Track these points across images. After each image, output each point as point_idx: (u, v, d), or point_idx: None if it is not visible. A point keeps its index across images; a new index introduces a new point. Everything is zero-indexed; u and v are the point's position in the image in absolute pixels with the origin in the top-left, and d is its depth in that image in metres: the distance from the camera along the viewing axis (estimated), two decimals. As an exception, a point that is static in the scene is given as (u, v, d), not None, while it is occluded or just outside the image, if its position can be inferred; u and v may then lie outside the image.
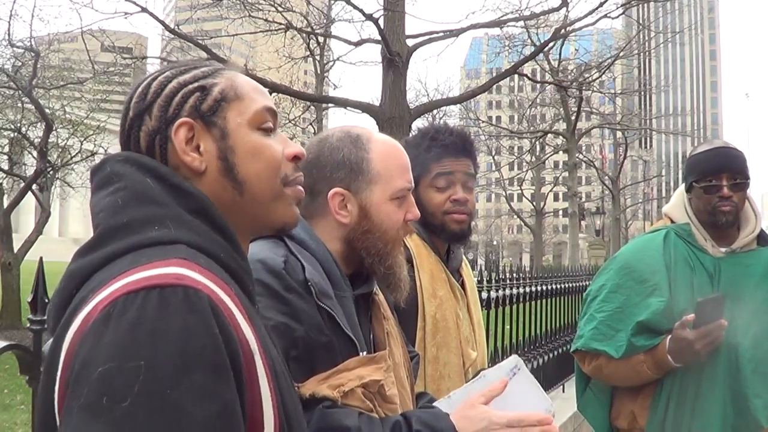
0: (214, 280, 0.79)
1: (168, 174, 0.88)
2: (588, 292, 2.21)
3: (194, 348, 0.71)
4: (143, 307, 0.72)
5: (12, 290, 11.46)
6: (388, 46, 8.98)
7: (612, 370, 2.05)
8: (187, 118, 0.91)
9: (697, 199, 2.08)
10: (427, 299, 1.77)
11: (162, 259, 0.77)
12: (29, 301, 1.37)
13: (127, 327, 0.70)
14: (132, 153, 0.92)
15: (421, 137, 1.89)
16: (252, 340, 0.80)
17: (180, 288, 0.74)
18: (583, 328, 2.12)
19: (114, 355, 0.69)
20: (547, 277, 5.06)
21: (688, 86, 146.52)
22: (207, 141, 0.91)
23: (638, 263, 2.09)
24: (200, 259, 0.81)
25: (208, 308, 0.74)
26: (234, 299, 0.81)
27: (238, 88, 0.95)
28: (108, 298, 0.73)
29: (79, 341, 0.73)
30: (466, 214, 1.84)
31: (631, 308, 2.03)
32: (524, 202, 33.70)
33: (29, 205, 29.16)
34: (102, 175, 0.90)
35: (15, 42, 11.97)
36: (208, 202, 0.88)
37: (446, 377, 1.75)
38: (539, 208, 28.22)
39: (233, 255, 0.88)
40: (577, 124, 20.24)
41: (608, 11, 12.23)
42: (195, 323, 0.72)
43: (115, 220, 0.83)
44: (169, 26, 11.79)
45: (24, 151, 15.35)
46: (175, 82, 0.93)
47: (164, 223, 0.83)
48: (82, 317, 0.74)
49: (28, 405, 5.57)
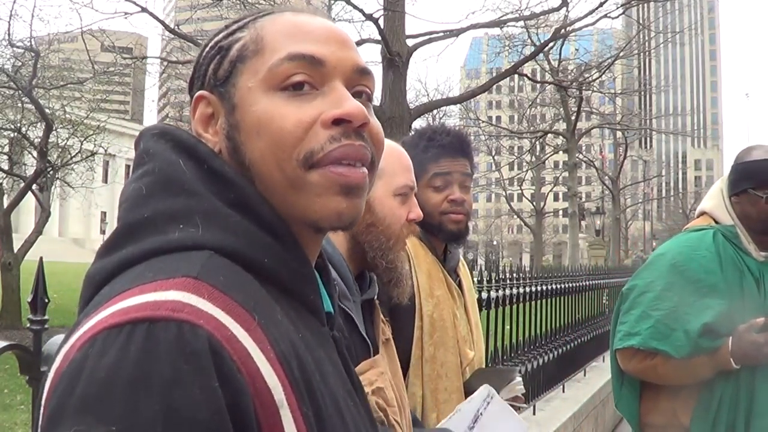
0: (227, 307, 0.61)
1: (207, 155, 0.71)
2: (631, 287, 2.16)
3: (181, 407, 0.55)
4: (124, 350, 0.56)
5: (12, 290, 11.45)
6: (388, 46, 8.99)
7: (668, 370, 2.04)
8: (203, 91, 0.75)
9: (750, 206, 2.08)
10: (424, 299, 1.78)
11: (167, 277, 0.61)
12: (29, 301, 1.37)
13: (102, 377, 0.55)
14: (169, 126, 0.75)
15: (418, 138, 1.89)
16: (277, 387, 0.61)
17: (173, 323, 0.57)
18: (636, 325, 2.07)
19: (81, 416, 0.55)
20: (547, 277, 5.06)
21: (688, 86, 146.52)
22: (222, 116, 0.74)
23: (691, 262, 2.07)
24: (218, 275, 0.63)
25: (206, 352, 0.57)
26: (255, 333, 0.61)
27: (263, 38, 0.74)
28: (89, 332, 0.59)
29: (55, 384, 0.59)
30: (464, 214, 1.85)
31: (685, 308, 2.01)
32: (524, 202, 33.72)
33: (29, 205, 29.19)
34: (137, 154, 0.74)
35: (15, 42, 11.98)
36: (252, 193, 0.70)
37: (444, 377, 1.76)
38: (539, 208, 28.23)
39: (285, 259, 0.69)
40: (577, 124, 20.25)
41: (608, 11, 12.26)
42: (186, 373, 0.56)
43: (135, 215, 0.68)
44: (169, 26, 11.79)
45: (24, 151, 15.34)
46: (210, 44, 0.77)
47: (191, 220, 0.66)
48: (64, 352, 0.60)
49: (28, 405, 5.57)
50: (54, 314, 2.94)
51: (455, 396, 1.77)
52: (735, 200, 2.13)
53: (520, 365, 4.11)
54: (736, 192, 2.12)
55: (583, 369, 6.01)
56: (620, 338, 2.12)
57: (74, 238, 55.57)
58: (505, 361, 3.97)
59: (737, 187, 2.12)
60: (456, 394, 1.77)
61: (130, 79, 58.94)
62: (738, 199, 2.12)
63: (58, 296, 7.46)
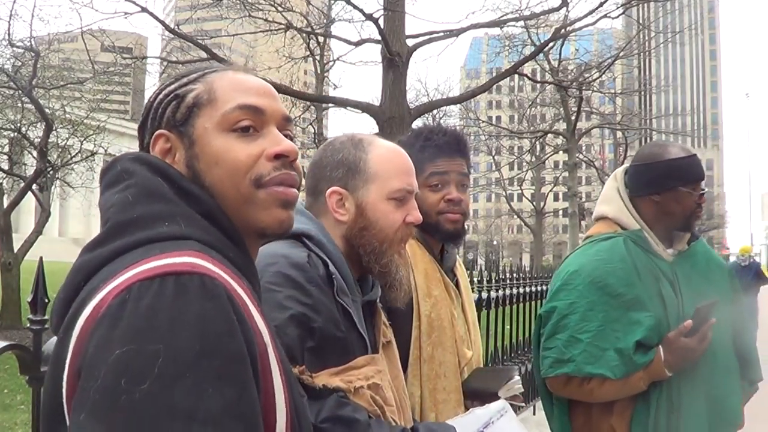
0: (226, 272, 0.79)
1: (176, 176, 0.89)
2: (550, 309, 2.06)
3: (213, 334, 0.71)
4: (160, 293, 0.71)
5: (12, 290, 11.45)
6: (388, 46, 8.98)
7: (605, 392, 1.96)
8: (163, 130, 0.93)
9: (676, 203, 2.04)
10: (422, 299, 1.78)
11: (175, 251, 0.77)
12: (29, 301, 1.37)
13: (144, 311, 0.70)
14: (143, 153, 0.93)
15: (414, 137, 1.90)
16: (265, 332, 0.80)
17: (196, 275, 0.74)
18: (566, 351, 1.98)
19: (133, 338, 0.69)
20: (547, 277, 5.07)
21: (688, 86, 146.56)
22: (180, 150, 0.92)
23: (609, 276, 1.99)
24: (212, 253, 0.81)
25: (224, 296, 0.74)
26: (246, 291, 0.81)
27: (215, 91, 0.93)
28: (122, 285, 0.73)
29: (92, 326, 0.72)
30: (461, 214, 1.85)
31: (611, 324, 1.95)
32: (524, 202, 33.72)
33: (29, 205, 29.19)
34: (112, 174, 0.90)
35: (15, 42, 11.96)
36: (215, 206, 0.89)
37: (442, 376, 1.76)
38: (539, 208, 28.23)
39: (242, 257, 0.89)
40: (577, 124, 20.22)
41: (608, 11, 12.23)
42: (213, 310, 0.72)
43: (125, 216, 0.83)
44: (169, 26, 11.79)
45: (24, 151, 15.34)
46: (163, 92, 0.95)
47: (175, 220, 0.83)
48: (94, 304, 0.74)
49: (28, 405, 5.57)
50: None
51: (454, 396, 1.77)
52: (655, 200, 2.06)
53: (519, 365, 4.11)
54: (658, 190, 2.05)
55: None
56: (550, 365, 2.02)
57: (74, 238, 55.54)
58: (504, 361, 3.97)
59: (662, 185, 2.04)
60: (454, 393, 1.77)
61: (130, 79, 58.87)
62: (660, 198, 2.05)
63: (58, 296, 7.45)
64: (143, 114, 0.96)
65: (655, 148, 2.15)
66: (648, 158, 2.11)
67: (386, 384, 1.31)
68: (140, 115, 0.97)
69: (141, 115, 0.97)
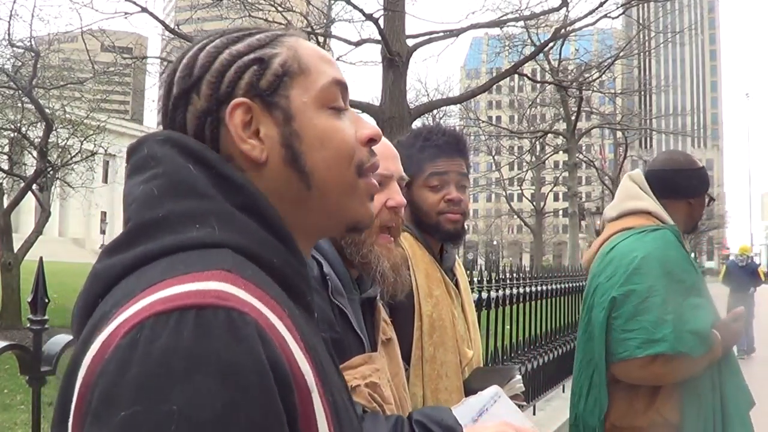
0: (262, 298, 0.64)
1: (215, 161, 0.73)
2: (626, 292, 2.09)
3: (240, 386, 0.57)
4: (176, 333, 0.58)
5: (12, 290, 11.45)
6: (388, 46, 8.99)
7: (686, 370, 2.05)
8: (244, 98, 0.76)
9: (700, 208, 2.30)
10: (423, 299, 1.78)
11: (201, 270, 0.63)
12: (29, 301, 1.37)
13: (156, 358, 0.57)
14: (174, 132, 0.77)
15: (414, 137, 1.90)
16: (309, 373, 0.65)
17: (222, 309, 0.59)
18: (656, 331, 2.02)
19: (140, 395, 0.56)
20: (547, 277, 5.07)
21: (688, 86, 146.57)
22: (268, 125, 0.77)
23: (671, 263, 2.11)
24: (247, 269, 0.67)
25: (255, 335, 0.60)
26: (286, 322, 0.66)
27: (303, 58, 0.80)
28: (133, 318, 0.60)
29: (98, 370, 0.59)
30: (460, 214, 1.85)
31: (682, 309, 2.06)
32: (524, 202, 33.73)
33: (29, 205, 29.20)
34: (138, 157, 0.76)
35: (15, 42, 11.98)
36: (261, 197, 0.74)
37: (444, 376, 1.76)
38: (539, 208, 28.23)
39: (289, 260, 0.74)
40: (577, 124, 20.24)
41: (608, 11, 12.25)
42: (240, 354, 0.58)
43: (150, 214, 0.70)
44: (169, 26, 11.80)
45: (24, 151, 15.34)
46: (226, 53, 0.78)
47: (208, 221, 0.69)
48: (102, 339, 0.61)
49: (28, 405, 5.57)
50: (54, 314, 2.95)
51: (455, 395, 1.77)
52: (691, 203, 2.28)
53: (520, 365, 4.11)
54: (695, 195, 2.29)
55: (583, 369, 6.01)
56: (638, 346, 2.04)
57: (74, 238, 55.57)
58: (505, 361, 3.97)
59: (698, 191, 2.30)
60: (456, 393, 1.77)
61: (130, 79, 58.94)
62: (695, 201, 2.29)
63: (58, 296, 7.46)
64: (182, 76, 0.78)
65: (682, 155, 2.37)
66: (685, 163, 2.30)
67: (385, 382, 1.30)
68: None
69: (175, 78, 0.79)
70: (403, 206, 1.38)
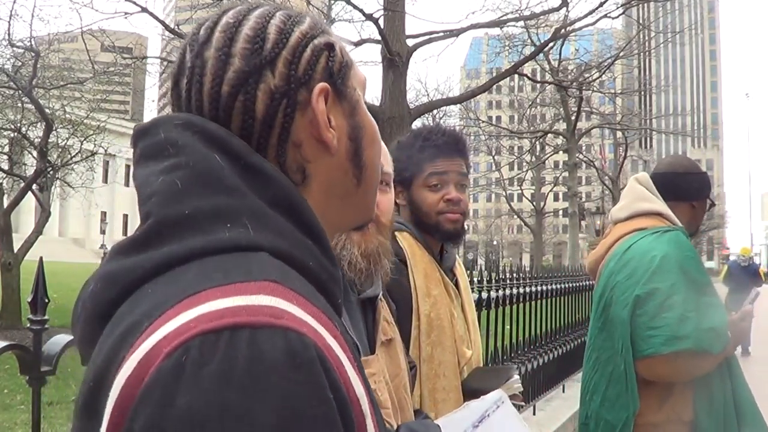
0: (315, 314, 0.58)
1: (243, 150, 0.66)
2: (650, 291, 2.11)
3: (302, 420, 0.52)
4: (230, 358, 0.51)
5: (12, 290, 11.45)
6: (388, 46, 8.98)
7: (706, 366, 2.11)
8: (325, 84, 0.71)
9: (702, 212, 2.34)
10: (421, 298, 1.78)
11: (246, 279, 0.56)
12: (29, 301, 1.37)
13: (208, 387, 0.50)
14: (195, 117, 0.68)
15: (414, 138, 1.90)
16: (363, 397, 0.59)
17: (279, 331, 0.53)
18: (680, 328, 2.05)
19: (192, 428, 0.50)
20: (547, 277, 5.07)
21: (688, 86, 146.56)
22: (338, 115, 0.72)
23: (687, 263, 2.15)
24: (294, 279, 0.60)
25: (317, 362, 0.54)
26: (340, 340, 0.60)
27: (345, 51, 0.77)
28: (176, 336, 0.53)
29: (138, 396, 0.52)
30: (460, 214, 1.86)
31: (701, 307, 2.10)
32: (524, 202, 33.73)
33: (29, 205, 29.20)
34: (152, 142, 0.67)
35: (15, 42, 11.98)
36: (294, 191, 0.67)
37: (441, 376, 1.76)
38: (539, 208, 28.22)
39: (323, 262, 0.67)
40: (577, 124, 20.24)
41: (608, 11, 12.26)
42: (303, 385, 0.52)
43: (174, 211, 0.62)
44: (169, 26, 11.79)
45: (24, 151, 15.34)
46: (298, 32, 0.71)
47: (239, 220, 0.62)
48: (139, 358, 0.53)
49: (28, 405, 5.57)
50: (54, 314, 2.94)
51: (453, 395, 1.77)
52: (695, 205, 2.34)
53: (519, 365, 4.11)
54: (700, 198, 2.34)
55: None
56: (663, 343, 2.07)
57: (74, 238, 55.58)
58: (505, 361, 3.97)
59: (702, 194, 2.35)
60: (454, 393, 1.77)
61: (130, 79, 58.96)
62: (698, 204, 2.34)
63: (58, 296, 7.46)
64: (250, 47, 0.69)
65: (687, 160, 2.44)
66: (690, 168, 2.37)
67: (381, 386, 1.29)
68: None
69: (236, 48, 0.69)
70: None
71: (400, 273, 1.76)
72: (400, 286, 1.70)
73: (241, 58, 0.68)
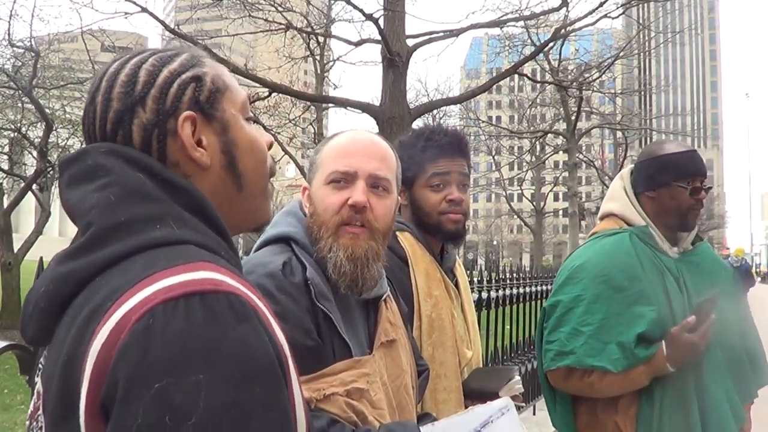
0: (241, 282, 0.74)
1: (159, 169, 0.82)
2: (554, 303, 2.05)
3: (251, 358, 0.67)
4: (188, 316, 0.66)
5: (12, 290, 11.46)
6: (388, 46, 8.98)
7: (606, 385, 1.95)
8: (191, 111, 0.85)
9: (670, 199, 2.03)
10: (422, 299, 1.78)
11: (184, 262, 0.72)
12: (29, 301, 1.37)
13: (176, 339, 0.65)
14: (116, 145, 0.83)
15: (416, 137, 1.90)
16: (285, 344, 0.76)
17: (221, 294, 0.69)
18: (568, 343, 1.97)
19: (169, 369, 0.64)
20: (547, 277, 5.07)
21: (688, 86, 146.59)
22: (209, 134, 0.86)
23: (614, 270, 1.98)
24: (219, 260, 0.76)
25: (254, 315, 0.70)
26: (264, 301, 0.77)
27: (224, 76, 0.91)
28: (141, 306, 0.67)
29: (116, 355, 0.66)
30: (462, 214, 1.86)
31: (615, 318, 1.94)
32: (524, 202, 33.70)
33: (29, 205, 29.21)
34: (81, 168, 0.82)
35: (15, 42, 11.98)
36: (204, 199, 0.83)
37: (442, 376, 1.76)
38: (539, 208, 28.21)
39: (229, 252, 0.83)
40: (577, 124, 20.21)
41: (608, 11, 12.23)
42: (246, 332, 0.68)
43: (112, 219, 0.76)
44: (169, 26, 11.78)
45: (24, 151, 15.35)
46: (166, 71, 0.86)
47: (166, 222, 0.77)
48: (110, 327, 0.67)
49: (28, 405, 5.56)
50: (54, 314, 2.94)
51: (454, 396, 1.77)
52: (650, 196, 2.07)
53: (519, 365, 4.11)
54: (653, 187, 2.06)
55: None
56: (552, 358, 2.01)
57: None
58: (505, 361, 3.96)
59: (656, 181, 2.05)
60: (455, 393, 1.77)
61: (130, 79, 58.88)
62: (655, 194, 2.06)
63: (58, 296, 7.45)
64: (123, 91, 0.84)
65: (654, 145, 2.16)
66: (645, 155, 2.12)
67: (376, 386, 1.28)
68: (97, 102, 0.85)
69: (114, 93, 0.85)
70: (362, 205, 1.33)
71: (401, 273, 1.76)
72: (402, 286, 1.70)
73: (118, 101, 0.84)
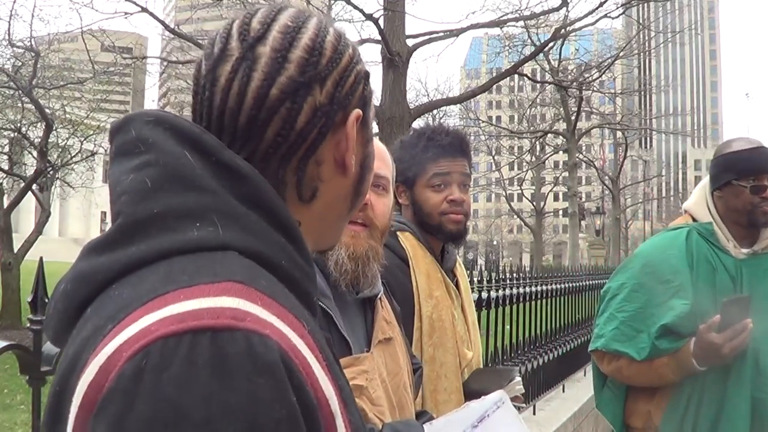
0: (281, 314, 0.57)
1: (215, 147, 0.64)
2: (606, 289, 2.16)
3: (264, 425, 0.50)
4: (189, 363, 0.50)
5: (12, 290, 11.46)
6: (388, 46, 8.98)
7: (633, 372, 2.02)
8: (360, 110, 0.73)
9: (734, 198, 2.02)
10: (423, 300, 1.78)
11: (209, 281, 0.55)
12: (29, 301, 1.37)
13: (167, 393, 0.49)
14: (165, 113, 0.67)
15: (417, 137, 1.90)
16: (333, 397, 0.59)
17: (240, 333, 0.52)
18: (603, 327, 2.07)
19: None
20: (547, 277, 5.06)
21: (688, 86, 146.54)
22: (358, 142, 0.74)
23: (661, 263, 2.05)
24: (260, 279, 0.59)
25: (280, 365, 0.53)
26: (308, 340, 0.59)
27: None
28: (136, 340, 0.52)
29: (100, 401, 0.51)
30: (463, 214, 1.85)
31: (653, 309, 1.99)
32: (524, 202, 33.69)
33: (29, 205, 29.16)
34: (125, 140, 0.66)
35: (15, 42, 11.99)
36: (267, 187, 0.65)
37: (443, 377, 1.76)
38: (539, 208, 28.20)
39: (297, 260, 0.66)
40: (577, 124, 20.23)
41: (608, 11, 12.26)
42: (265, 388, 0.51)
43: (143, 209, 0.61)
44: (169, 26, 11.79)
45: (24, 151, 15.36)
46: (347, 54, 0.73)
47: (208, 218, 0.61)
48: (100, 364, 0.53)
49: (28, 405, 5.57)
50: (54, 314, 2.94)
51: (454, 396, 1.76)
52: (718, 195, 2.07)
53: (520, 365, 4.11)
54: (718, 186, 2.06)
55: (583, 369, 6.01)
56: (592, 340, 2.14)
57: (74, 238, 55.55)
58: (505, 361, 3.97)
59: (719, 180, 2.06)
60: (455, 394, 1.77)
61: (130, 79, 58.94)
62: (721, 193, 2.06)
63: (58, 296, 7.46)
64: (308, 58, 0.69)
65: (722, 144, 2.17)
66: (716, 153, 2.15)
67: (375, 384, 1.28)
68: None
69: (292, 55, 0.68)
70: (364, 202, 1.31)
71: (402, 273, 1.76)
72: (402, 286, 1.70)
73: (297, 67, 0.69)
